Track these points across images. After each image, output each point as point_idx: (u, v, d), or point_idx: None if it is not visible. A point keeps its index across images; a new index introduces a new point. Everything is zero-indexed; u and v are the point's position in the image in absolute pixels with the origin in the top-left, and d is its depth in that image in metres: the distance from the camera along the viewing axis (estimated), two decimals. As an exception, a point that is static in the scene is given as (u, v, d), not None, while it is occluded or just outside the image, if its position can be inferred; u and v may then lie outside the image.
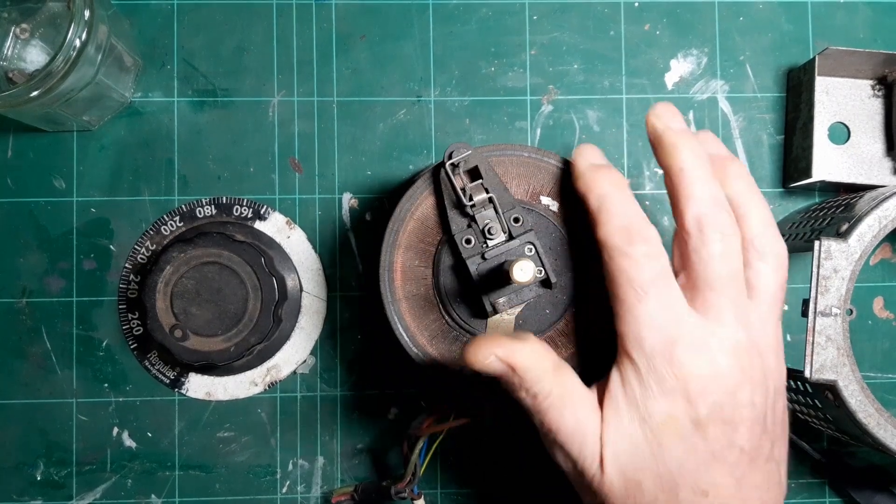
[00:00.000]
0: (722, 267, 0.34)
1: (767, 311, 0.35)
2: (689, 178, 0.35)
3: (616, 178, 0.36)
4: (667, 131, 0.36)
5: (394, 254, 0.39)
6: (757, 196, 0.36)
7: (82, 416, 0.49)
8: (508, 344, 0.34)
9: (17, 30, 0.43)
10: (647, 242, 0.34)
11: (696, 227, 0.34)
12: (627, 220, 0.34)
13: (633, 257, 0.34)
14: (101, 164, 0.49)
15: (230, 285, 0.44)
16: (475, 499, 0.50)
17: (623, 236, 0.34)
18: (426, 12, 0.50)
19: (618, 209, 0.35)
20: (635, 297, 0.33)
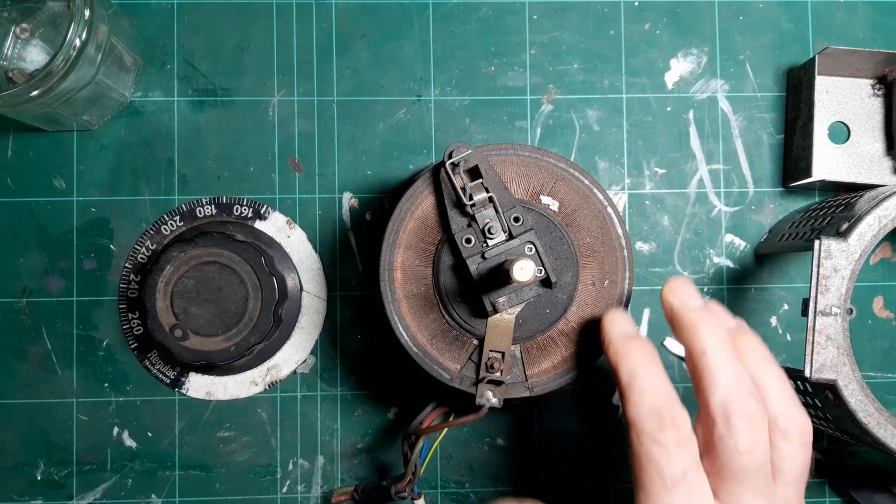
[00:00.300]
0: (750, 460, 0.33)
1: (794, 493, 0.34)
2: (712, 361, 0.34)
3: (648, 352, 0.35)
4: (683, 310, 0.35)
5: (394, 253, 0.39)
6: (773, 368, 0.35)
7: (82, 416, 0.49)
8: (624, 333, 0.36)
9: (17, 29, 0.43)
10: (679, 430, 0.33)
11: (723, 415, 0.33)
12: (659, 402, 0.33)
13: (664, 444, 0.32)
14: (101, 164, 0.49)
15: (230, 285, 0.44)
16: (475, 499, 0.50)
17: (654, 421, 0.33)
18: (426, 12, 0.50)
19: (649, 389, 0.33)
20: (663, 489, 0.32)
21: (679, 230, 0.50)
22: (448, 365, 0.39)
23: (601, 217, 0.40)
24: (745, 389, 0.33)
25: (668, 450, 0.32)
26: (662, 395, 0.33)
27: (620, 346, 0.35)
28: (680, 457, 0.32)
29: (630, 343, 0.35)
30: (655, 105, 0.50)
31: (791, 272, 0.51)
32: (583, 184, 0.40)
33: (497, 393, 0.38)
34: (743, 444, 0.32)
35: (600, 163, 0.50)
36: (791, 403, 0.35)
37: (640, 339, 0.36)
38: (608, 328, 0.37)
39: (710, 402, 0.33)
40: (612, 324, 0.37)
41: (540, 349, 0.40)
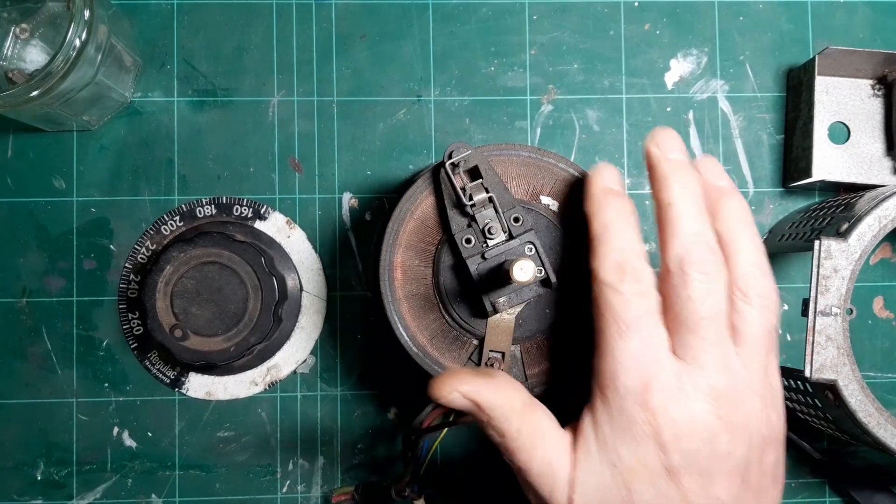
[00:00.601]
0: (702, 308, 0.32)
1: (754, 356, 0.33)
2: (675, 213, 0.34)
3: (624, 208, 0.35)
4: (661, 161, 0.35)
5: (394, 253, 0.39)
6: (749, 233, 0.35)
7: (82, 416, 0.49)
8: (473, 380, 0.34)
9: (17, 30, 0.43)
10: (640, 281, 0.33)
11: (678, 265, 0.33)
12: (624, 255, 0.33)
13: (623, 294, 0.32)
14: (101, 164, 0.49)
15: (230, 285, 0.44)
16: (475, 499, 0.50)
17: (616, 272, 0.33)
18: (426, 12, 0.50)
19: (617, 242, 0.33)
20: (617, 333, 0.32)
21: (679, 230, 0.50)
22: (448, 365, 0.39)
23: (601, 217, 0.40)
24: (704, 243, 0.33)
25: (626, 297, 0.32)
26: (628, 249, 0.33)
27: (599, 198, 0.35)
28: (636, 304, 0.32)
29: (609, 197, 0.35)
30: (655, 105, 0.50)
31: (791, 272, 0.51)
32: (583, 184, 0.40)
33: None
34: (695, 293, 0.32)
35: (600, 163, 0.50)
36: (758, 268, 0.34)
37: (619, 195, 0.35)
38: (593, 178, 0.36)
39: (667, 254, 0.33)
40: (597, 175, 0.36)
41: (540, 349, 0.40)
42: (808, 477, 0.50)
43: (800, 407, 0.46)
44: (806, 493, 0.50)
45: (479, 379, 0.34)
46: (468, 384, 0.34)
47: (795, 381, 0.44)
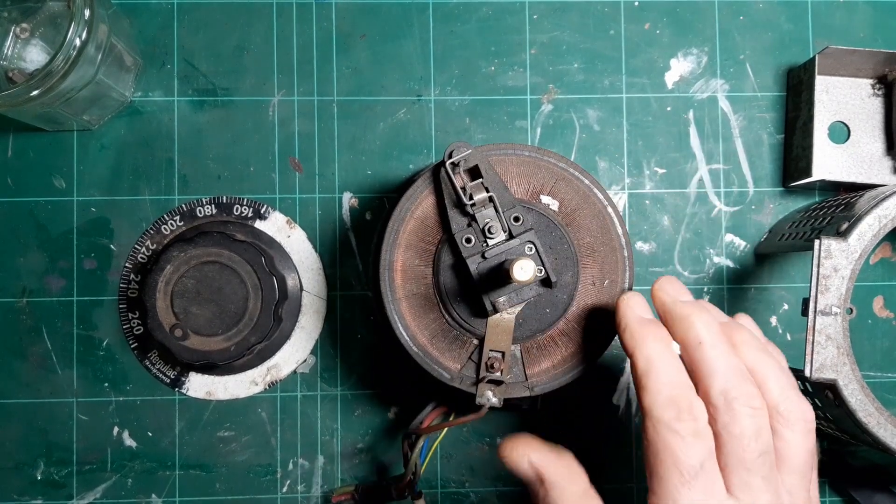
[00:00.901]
0: (756, 445, 0.32)
1: (799, 482, 0.34)
2: (708, 350, 0.33)
3: (665, 339, 0.34)
4: (677, 304, 0.35)
5: (394, 253, 0.39)
6: (768, 358, 0.35)
7: (82, 416, 0.49)
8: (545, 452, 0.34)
9: (17, 29, 0.43)
10: (696, 420, 0.32)
11: (725, 402, 0.33)
12: (677, 391, 0.33)
13: (682, 435, 0.32)
14: (102, 164, 0.49)
15: (230, 285, 0.44)
16: (475, 499, 0.50)
17: (672, 411, 0.32)
18: (426, 11, 0.50)
19: (667, 377, 0.33)
20: (679, 481, 0.32)
21: (679, 230, 0.50)
22: (448, 364, 0.39)
23: (601, 217, 0.40)
24: (743, 376, 0.33)
25: (686, 440, 0.32)
26: (680, 383, 0.33)
27: (637, 330, 0.35)
28: (697, 447, 0.32)
29: (647, 328, 0.35)
30: (655, 105, 0.50)
31: (791, 272, 0.51)
32: (583, 183, 0.40)
33: (497, 393, 0.38)
34: (748, 429, 0.32)
35: (600, 163, 0.50)
36: (790, 391, 0.34)
37: (656, 325, 0.35)
38: (624, 311, 0.36)
39: (710, 392, 0.33)
40: (629, 307, 0.36)
41: (540, 349, 0.39)
42: (808, 477, 0.50)
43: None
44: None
45: (550, 452, 0.34)
46: (539, 454, 0.34)
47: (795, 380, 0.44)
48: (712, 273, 0.50)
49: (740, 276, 0.50)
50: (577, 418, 0.50)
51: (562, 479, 0.34)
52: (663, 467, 0.32)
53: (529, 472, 0.34)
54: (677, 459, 0.32)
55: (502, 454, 0.35)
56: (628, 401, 0.50)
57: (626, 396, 0.50)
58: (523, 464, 0.34)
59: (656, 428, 0.32)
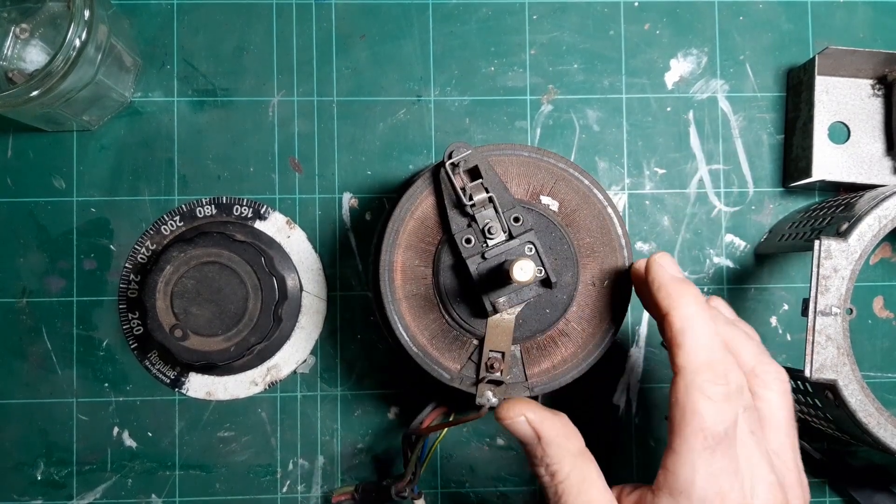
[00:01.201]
0: None
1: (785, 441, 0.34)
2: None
3: (702, 299, 0.34)
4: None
5: (394, 253, 0.39)
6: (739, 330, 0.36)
7: (82, 416, 0.49)
8: (542, 411, 0.34)
9: (17, 30, 0.43)
10: (730, 385, 0.32)
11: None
12: (714, 354, 0.33)
13: (713, 400, 0.32)
14: (101, 164, 0.49)
15: (230, 285, 0.44)
16: (475, 499, 0.50)
17: (708, 374, 0.32)
18: (426, 12, 0.50)
19: (706, 339, 0.33)
20: (703, 445, 0.32)
21: (679, 230, 0.50)
22: (448, 365, 0.39)
23: (601, 217, 0.40)
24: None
25: (716, 405, 0.32)
26: (717, 346, 0.33)
27: (675, 288, 0.34)
28: (726, 413, 0.32)
29: (684, 286, 0.34)
30: (655, 105, 0.50)
31: (791, 272, 0.51)
32: (583, 184, 0.40)
33: (497, 393, 0.38)
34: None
35: (600, 163, 0.50)
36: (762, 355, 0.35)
37: (691, 285, 0.35)
38: (657, 270, 0.35)
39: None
40: (662, 266, 0.35)
41: (540, 349, 0.40)
42: (808, 477, 0.50)
43: (799, 407, 0.46)
44: (806, 492, 0.50)
45: (547, 412, 0.35)
46: (536, 413, 0.34)
47: (795, 381, 0.44)
48: (712, 273, 0.50)
49: (740, 276, 0.50)
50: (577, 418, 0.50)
51: (558, 436, 0.34)
52: (689, 429, 0.32)
53: (528, 430, 0.34)
54: (703, 423, 0.32)
55: (500, 414, 0.35)
56: (628, 401, 0.50)
57: (626, 396, 0.50)
58: (521, 422, 0.34)
59: (688, 388, 0.32)
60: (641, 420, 0.50)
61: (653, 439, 0.50)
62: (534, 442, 0.34)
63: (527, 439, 0.35)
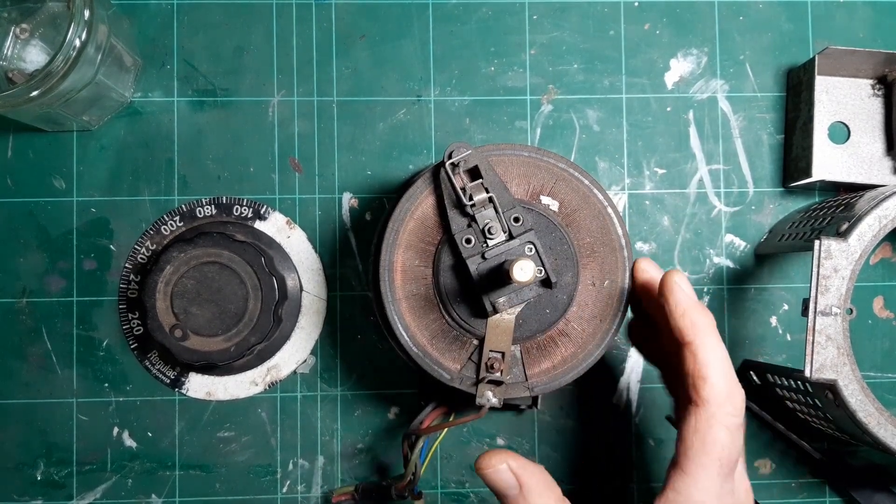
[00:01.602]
0: None
1: None
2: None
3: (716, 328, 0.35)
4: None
5: (394, 253, 0.39)
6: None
7: (82, 416, 0.49)
8: (522, 460, 0.35)
9: (17, 30, 0.43)
10: (740, 415, 0.34)
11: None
12: (733, 387, 0.34)
13: (732, 431, 0.34)
14: (101, 164, 0.49)
15: (230, 285, 0.44)
16: (475, 499, 0.50)
17: (729, 407, 0.34)
18: (426, 12, 0.50)
19: (728, 372, 0.34)
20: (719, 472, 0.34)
21: (679, 230, 0.50)
22: (448, 365, 0.39)
23: (601, 217, 0.40)
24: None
25: (734, 437, 0.34)
26: (734, 377, 0.35)
27: (700, 317, 0.35)
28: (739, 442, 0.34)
29: (707, 316, 0.35)
30: (655, 105, 0.50)
31: (791, 272, 0.51)
32: (583, 184, 0.40)
33: (497, 393, 0.38)
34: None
35: (600, 163, 0.50)
36: None
37: (708, 310, 0.36)
38: (679, 295, 0.35)
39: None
40: (682, 289, 0.36)
41: (540, 349, 0.40)
42: (808, 477, 0.50)
43: (800, 407, 0.46)
44: (806, 493, 0.50)
45: (527, 462, 0.36)
46: (517, 460, 0.35)
47: (795, 381, 0.44)
48: (712, 273, 0.50)
49: (740, 276, 0.50)
50: (577, 418, 0.50)
51: (539, 483, 0.35)
52: (707, 458, 0.34)
53: (510, 478, 0.35)
54: (723, 454, 0.33)
55: (480, 464, 0.36)
56: (628, 401, 0.50)
57: (626, 396, 0.50)
58: (503, 470, 0.35)
59: (710, 420, 0.34)
60: (641, 420, 0.50)
61: (653, 439, 0.50)
62: (515, 491, 0.35)
63: (508, 489, 0.35)
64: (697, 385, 0.34)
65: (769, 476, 0.50)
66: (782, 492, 0.50)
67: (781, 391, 0.47)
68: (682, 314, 0.35)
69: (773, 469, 0.50)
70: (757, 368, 0.49)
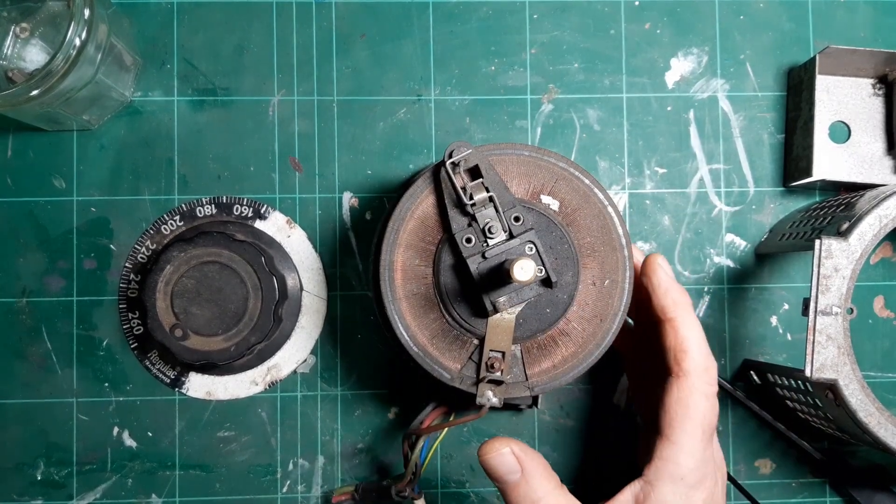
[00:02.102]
0: None
1: None
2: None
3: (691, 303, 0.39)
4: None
5: (394, 253, 0.39)
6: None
7: (82, 416, 0.49)
8: (524, 446, 0.37)
9: (17, 29, 0.43)
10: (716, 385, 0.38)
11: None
12: (709, 359, 0.38)
13: (710, 399, 0.37)
14: (101, 164, 0.49)
15: (230, 284, 0.44)
16: (475, 499, 0.50)
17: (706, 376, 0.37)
18: (426, 11, 0.50)
19: (704, 346, 0.38)
20: (702, 437, 0.36)
21: (679, 230, 0.50)
22: (448, 364, 0.39)
23: (601, 217, 0.40)
24: None
25: (714, 405, 0.37)
26: (709, 351, 0.38)
27: (680, 295, 0.38)
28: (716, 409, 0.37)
29: (684, 293, 0.38)
30: (656, 105, 0.50)
31: (791, 272, 0.51)
32: (583, 183, 0.40)
33: (497, 392, 0.38)
34: None
35: (601, 162, 0.50)
36: None
37: (686, 292, 0.39)
38: (661, 274, 0.39)
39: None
40: (664, 270, 0.39)
41: (540, 349, 0.39)
42: (808, 477, 0.50)
43: (800, 407, 0.46)
44: (806, 493, 0.50)
45: (529, 448, 0.37)
46: (520, 445, 0.37)
47: (796, 380, 0.44)
48: (712, 273, 0.50)
49: (740, 275, 0.50)
50: (577, 418, 0.50)
51: (540, 469, 0.37)
52: (691, 424, 0.36)
53: (512, 461, 0.36)
54: (705, 420, 0.36)
55: (483, 450, 0.37)
56: (628, 401, 0.50)
57: (626, 396, 0.50)
58: (506, 454, 0.36)
59: (691, 390, 0.36)
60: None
61: (653, 439, 0.50)
62: (516, 476, 0.36)
63: (509, 473, 0.36)
64: (679, 358, 0.37)
65: (769, 476, 0.50)
66: (782, 492, 0.50)
67: (782, 391, 0.47)
68: (664, 292, 0.38)
69: (773, 469, 0.50)
70: (757, 368, 0.49)
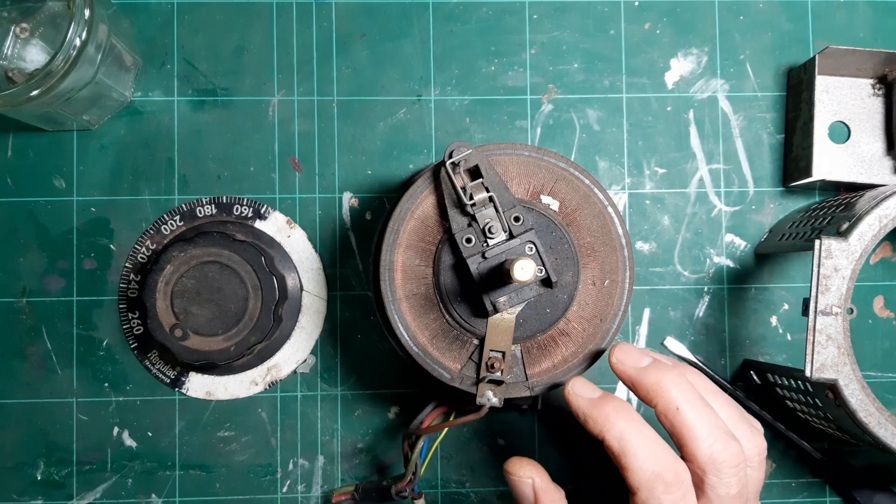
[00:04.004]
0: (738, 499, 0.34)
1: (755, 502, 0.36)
2: (688, 414, 0.34)
3: (626, 411, 0.34)
4: (641, 373, 0.35)
5: (394, 253, 0.39)
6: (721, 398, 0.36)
7: (82, 416, 0.49)
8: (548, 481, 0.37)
9: (17, 29, 0.43)
10: (681, 485, 0.33)
11: (713, 468, 0.33)
12: (660, 464, 0.33)
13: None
14: (101, 164, 0.49)
15: (230, 284, 0.44)
16: (475, 499, 0.50)
17: (659, 485, 0.33)
18: (426, 11, 0.50)
19: (645, 452, 0.33)
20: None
21: (679, 230, 0.50)
22: (448, 364, 0.39)
23: (601, 217, 0.40)
24: (725, 436, 0.34)
25: None
26: (660, 455, 0.33)
27: (597, 414, 0.34)
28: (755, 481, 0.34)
29: (605, 407, 0.34)
30: (656, 105, 0.50)
31: (791, 272, 0.51)
32: (583, 183, 0.40)
33: (497, 392, 0.38)
34: (733, 489, 0.34)
35: (600, 162, 0.50)
36: (746, 427, 0.36)
37: (612, 400, 0.35)
38: (575, 400, 0.35)
39: (697, 456, 0.34)
40: (576, 395, 0.35)
41: (540, 349, 0.39)
42: (808, 477, 0.50)
43: (800, 407, 0.46)
44: (806, 493, 0.50)
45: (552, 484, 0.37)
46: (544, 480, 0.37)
47: (796, 380, 0.44)
48: (712, 273, 0.50)
49: (740, 276, 0.50)
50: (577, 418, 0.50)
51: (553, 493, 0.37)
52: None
53: (529, 494, 0.36)
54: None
55: (510, 468, 0.37)
56: (628, 400, 0.50)
57: (627, 396, 0.50)
58: (527, 484, 0.36)
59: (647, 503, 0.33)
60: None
61: (653, 439, 0.50)
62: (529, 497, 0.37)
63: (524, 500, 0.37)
64: (623, 475, 0.34)
65: (769, 476, 0.50)
66: (782, 492, 0.50)
67: (782, 391, 0.47)
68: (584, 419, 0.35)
69: (773, 469, 0.50)
70: (757, 368, 0.49)
